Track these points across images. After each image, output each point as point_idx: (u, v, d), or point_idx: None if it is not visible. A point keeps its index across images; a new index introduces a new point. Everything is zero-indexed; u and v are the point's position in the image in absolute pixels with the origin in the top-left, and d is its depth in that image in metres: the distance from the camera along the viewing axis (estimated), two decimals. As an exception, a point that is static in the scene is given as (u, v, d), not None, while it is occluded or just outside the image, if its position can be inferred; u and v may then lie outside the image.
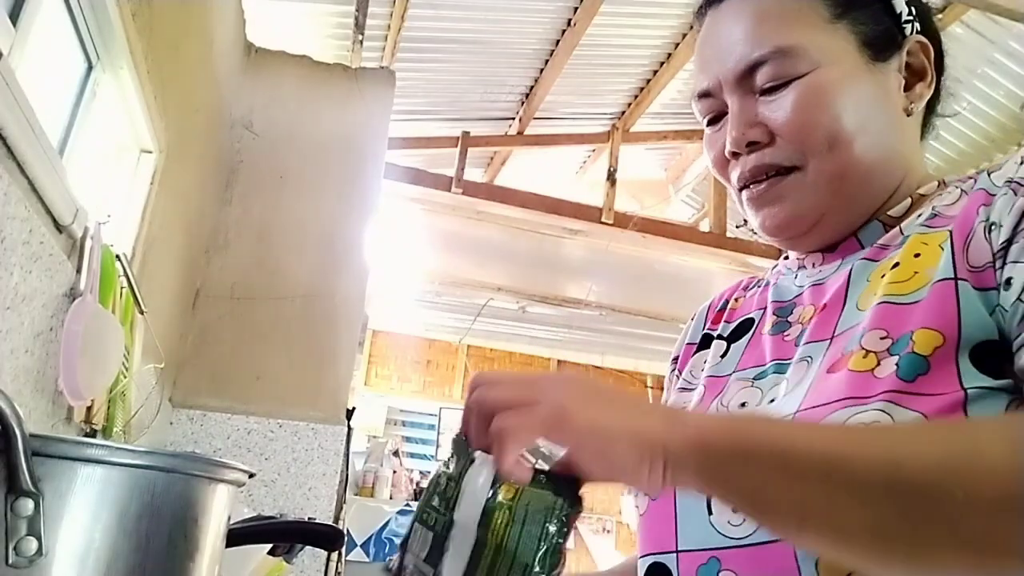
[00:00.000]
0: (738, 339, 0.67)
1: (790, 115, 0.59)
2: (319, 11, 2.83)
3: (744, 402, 0.58)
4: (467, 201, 3.83)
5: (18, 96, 0.97)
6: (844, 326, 0.55)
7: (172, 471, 0.47)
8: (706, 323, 0.75)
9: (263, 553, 1.20)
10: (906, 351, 0.47)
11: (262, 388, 2.34)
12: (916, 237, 0.55)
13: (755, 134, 0.60)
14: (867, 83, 0.60)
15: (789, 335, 0.60)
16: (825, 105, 0.58)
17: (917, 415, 0.44)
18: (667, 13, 3.31)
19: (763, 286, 0.71)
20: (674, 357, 0.78)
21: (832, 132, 0.58)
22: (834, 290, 0.59)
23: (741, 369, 0.62)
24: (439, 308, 4.49)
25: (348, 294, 2.55)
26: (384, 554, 3.25)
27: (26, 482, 0.39)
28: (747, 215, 0.65)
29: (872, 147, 0.59)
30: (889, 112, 0.61)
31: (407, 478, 3.83)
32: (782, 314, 0.64)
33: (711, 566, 0.52)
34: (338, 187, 2.65)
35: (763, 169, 0.61)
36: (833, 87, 0.58)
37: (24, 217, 1.01)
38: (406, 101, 3.51)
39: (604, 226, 3.94)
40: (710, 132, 0.66)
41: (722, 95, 0.63)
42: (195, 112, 2.06)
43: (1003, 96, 3.31)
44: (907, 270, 0.53)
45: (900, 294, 0.51)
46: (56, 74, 1.40)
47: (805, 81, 0.58)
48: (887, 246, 0.59)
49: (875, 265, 0.58)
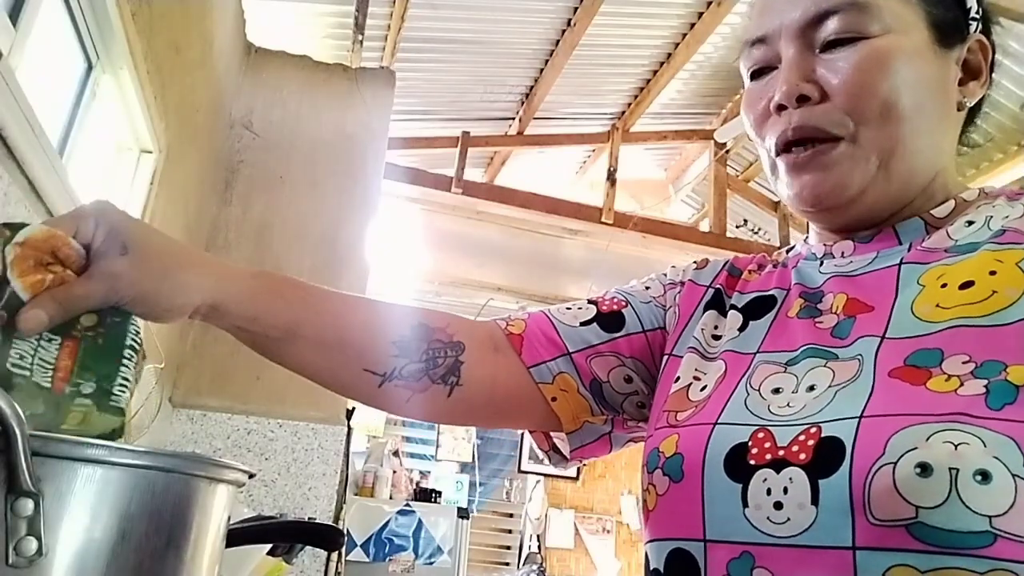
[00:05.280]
0: (757, 317, 0.62)
1: (850, 74, 0.56)
2: (319, 11, 2.83)
3: (778, 387, 0.54)
4: (467, 201, 3.83)
5: (18, 96, 0.97)
6: (900, 331, 0.51)
7: (172, 471, 0.47)
8: (716, 279, 0.70)
9: (263, 553, 1.20)
10: (997, 378, 0.44)
11: (262, 388, 2.34)
12: (988, 253, 0.52)
13: (808, 89, 0.57)
14: (931, 64, 0.58)
15: (822, 323, 0.57)
16: (889, 72, 0.55)
17: (1005, 438, 0.42)
18: (667, 13, 3.31)
19: (780, 267, 0.67)
20: (674, 281, 0.72)
21: (889, 102, 0.55)
22: (879, 288, 0.56)
23: (767, 351, 0.58)
24: (439, 308, 4.49)
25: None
26: (384, 554, 3.25)
27: (26, 482, 0.39)
28: (779, 182, 0.61)
29: (923, 130, 0.57)
30: (943, 101, 0.59)
31: (407, 478, 3.83)
32: (810, 299, 0.60)
33: (744, 561, 0.48)
34: (338, 187, 2.65)
35: (808, 131, 0.57)
36: (900, 56, 0.56)
37: (24, 217, 1.01)
38: (406, 101, 3.51)
39: (604, 226, 3.95)
40: (754, 86, 0.62)
41: (778, 44, 0.59)
42: (195, 112, 2.06)
43: (1003, 96, 3.31)
44: (984, 289, 0.50)
45: (979, 315, 0.49)
46: (56, 74, 1.40)
47: (873, 43, 0.56)
48: (934, 250, 0.56)
49: (924, 268, 0.55)
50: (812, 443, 0.47)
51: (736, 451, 0.51)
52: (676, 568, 0.53)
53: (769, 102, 0.60)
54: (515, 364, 0.68)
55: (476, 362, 0.67)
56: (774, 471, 0.48)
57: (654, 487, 0.56)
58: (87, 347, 0.52)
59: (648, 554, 0.57)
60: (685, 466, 0.53)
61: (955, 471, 0.41)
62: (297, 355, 0.64)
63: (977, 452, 0.41)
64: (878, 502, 0.43)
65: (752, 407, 0.53)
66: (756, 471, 0.49)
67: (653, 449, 0.57)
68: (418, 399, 0.66)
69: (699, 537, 0.51)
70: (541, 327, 0.70)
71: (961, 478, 0.41)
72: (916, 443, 0.43)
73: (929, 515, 0.41)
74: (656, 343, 0.69)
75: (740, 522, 0.49)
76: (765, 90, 0.61)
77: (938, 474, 0.41)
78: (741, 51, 0.64)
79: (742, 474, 0.49)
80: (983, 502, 0.40)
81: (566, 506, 6.00)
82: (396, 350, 0.65)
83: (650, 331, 0.69)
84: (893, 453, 0.43)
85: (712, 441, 0.52)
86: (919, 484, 0.41)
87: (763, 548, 0.47)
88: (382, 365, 0.65)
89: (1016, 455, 0.41)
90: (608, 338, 0.69)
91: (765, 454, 0.49)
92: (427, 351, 0.66)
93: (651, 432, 0.61)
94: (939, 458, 0.41)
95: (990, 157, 3.66)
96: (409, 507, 3.43)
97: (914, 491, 0.41)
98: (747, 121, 0.64)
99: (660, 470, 0.55)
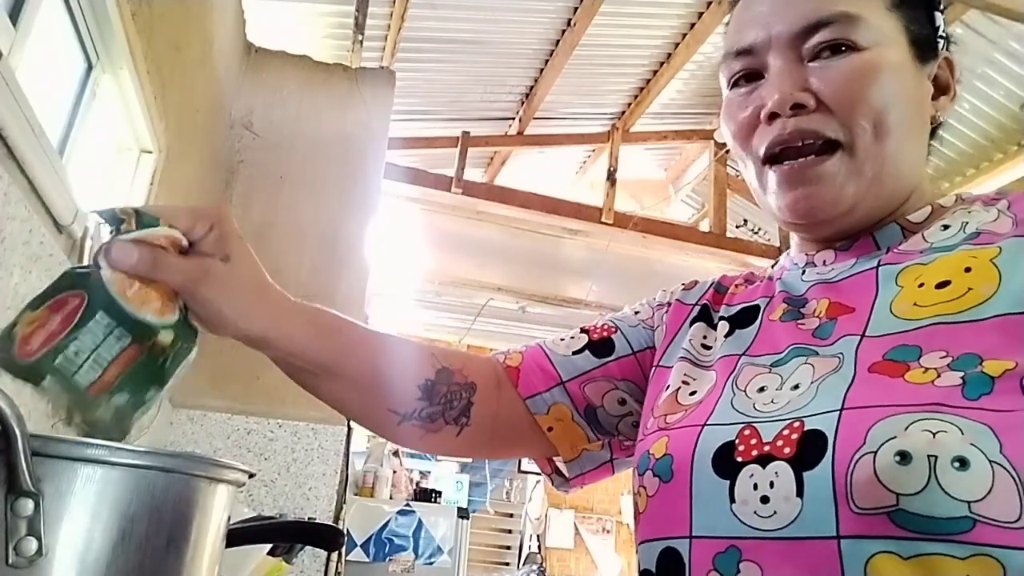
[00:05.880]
0: (744, 325, 0.64)
1: (844, 84, 0.57)
2: (319, 11, 2.83)
3: (763, 386, 0.55)
4: (467, 201, 3.83)
5: (18, 96, 0.97)
6: (879, 329, 0.52)
7: (172, 471, 0.47)
8: (703, 297, 0.71)
9: (263, 553, 1.20)
10: (973, 371, 0.45)
11: (262, 388, 2.34)
12: (963, 252, 0.53)
13: (803, 97, 0.57)
14: (912, 78, 0.59)
15: (805, 325, 0.58)
16: (879, 83, 0.57)
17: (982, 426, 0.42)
18: (667, 13, 3.31)
19: (766, 280, 0.69)
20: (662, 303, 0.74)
21: (880, 114, 0.57)
22: (859, 290, 0.57)
23: (753, 354, 0.60)
24: (439, 308, 4.50)
25: (348, 294, 2.55)
26: (384, 554, 3.25)
27: (26, 482, 0.39)
28: (768, 192, 0.61)
29: (907, 142, 0.59)
30: (922, 114, 0.61)
31: (407, 478, 3.83)
32: (794, 304, 0.61)
33: (730, 555, 0.49)
34: (338, 187, 2.65)
35: (806, 135, 0.57)
36: (889, 70, 0.57)
37: (24, 217, 1.01)
38: (406, 101, 3.51)
39: (604, 226, 3.95)
40: (735, 95, 0.62)
41: (766, 55, 0.60)
42: (195, 112, 2.06)
43: (1003, 96, 3.31)
44: (960, 287, 0.51)
45: (954, 312, 0.50)
46: (56, 74, 1.40)
47: (864, 55, 0.57)
48: (909, 252, 0.57)
49: (899, 267, 0.56)
50: (796, 437, 0.48)
51: (723, 449, 0.51)
52: (665, 567, 0.54)
53: (756, 111, 0.60)
54: (513, 397, 0.72)
55: (483, 401, 0.71)
56: (760, 466, 0.49)
57: (644, 489, 0.57)
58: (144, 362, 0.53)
59: (639, 556, 0.58)
60: (674, 466, 0.54)
61: (934, 458, 0.42)
62: (332, 391, 0.71)
63: (955, 440, 0.42)
64: (860, 491, 0.43)
65: (738, 406, 0.55)
66: (743, 467, 0.50)
67: (644, 452, 0.59)
68: (431, 438, 0.70)
69: (685, 534, 0.52)
70: (536, 359, 0.73)
71: (940, 465, 0.41)
72: (895, 432, 0.43)
73: (909, 502, 0.42)
74: (646, 363, 0.72)
75: (727, 518, 0.49)
76: (749, 99, 0.61)
77: (917, 461, 0.42)
78: (722, 62, 0.64)
79: (729, 471, 0.50)
80: (961, 488, 0.41)
81: (566, 506, 6.00)
82: (420, 393, 0.69)
83: (639, 352, 0.72)
84: (873, 443, 0.44)
85: (700, 441, 0.53)
86: (899, 472, 0.42)
87: (750, 542, 0.48)
88: (404, 406, 0.69)
89: (993, 442, 0.42)
90: (599, 363, 0.72)
91: (751, 450, 0.50)
92: (445, 394, 0.70)
93: (642, 436, 0.63)
94: (918, 446, 0.42)
95: (990, 157, 3.66)
96: (409, 507, 3.43)
97: (894, 479, 0.42)
98: (727, 131, 0.63)
99: (651, 471, 0.56)
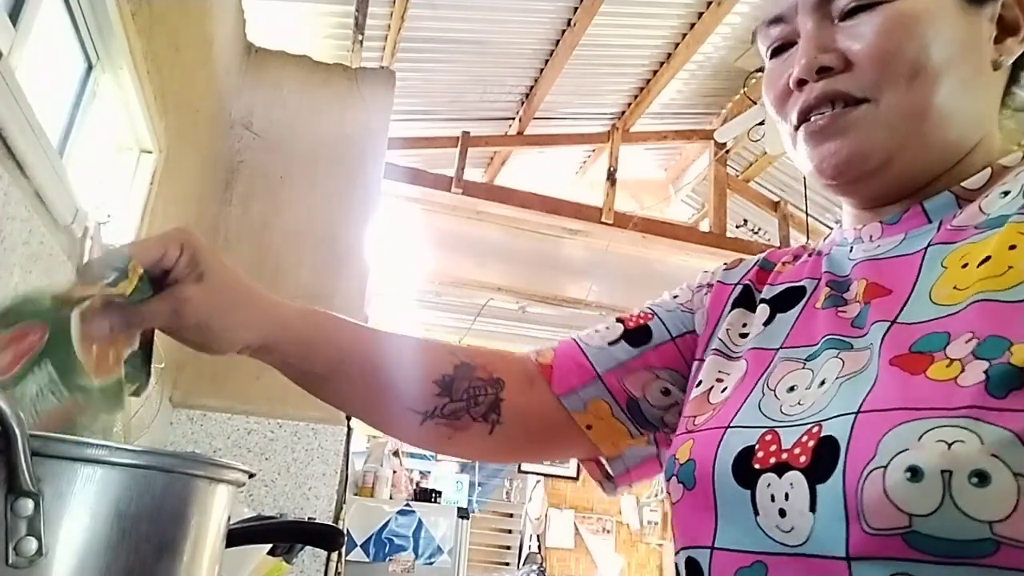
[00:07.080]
0: (785, 309, 0.59)
1: (873, 39, 0.54)
2: (319, 11, 2.83)
3: (793, 385, 0.51)
4: (467, 201, 3.83)
5: (18, 96, 0.97)
6: (912, 316, 0.48)
7: (172, 471, 0.47)
8: (746, 276, 0.67)
9: (263, 553, 1.20)
10: (999, 360, 0.40)
11: (262, 388, 2.34)
12: (1012, 227, 0.48)
13: (829, 59, 0.55)
14: (959, 22, 0.55)
15: (845, 312, 0.54)
16: (913, 33, 0.53)
17: (1006, 432, 0.38)
18: (667, 13, 3.31)
19: (814, 255, 0.64)
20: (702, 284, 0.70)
21: (917, 64, 0.53)
22: (900, 272, 0.52)
23: (790, 347, 0.56)
24: (439, 308, 4.49)
25: (348, 294, 2.55)
26: (384, 554, 3.25)
27: (26, 482, 0.39)
28: (801, 157, 0.58)
29: (954, 92, 0.54)
30: (976, 60, 0.55)
31: (407, 478, 3.83)
32: (837, 288, 0.57)
33: (756, 570, 0.46)
34: (338, 187, 2.65)
35: (830, 96, 0.55)
36: (924, 16, 0.53)
37: (24, 217, 1.01)
38: (406, 101, 3.51)
39: (604, 226, 3.95)
40: (773, 64, 0.60)
41: (795, 20, 0.58)
42: (195, 112, 2.06)
43: (1003, 96, 3.31)
44: (1001, 264, 0.46)
45: (994, 290, 0.45)
46: (56, 74, 1.40)
47: (894, 6, 0.54)
48: (963, 228, 0.52)
49: (950, 249, 0.51)
50: (812, 444, 0.44)
51: (743, 455, 0.48)
52: None
53: (789, 79, 0.58)
54: (548, 395, 0.68)
55: (513, 397, 0.67)
56: (776, 475, 0.45)
57: (670, 495, 0.54)
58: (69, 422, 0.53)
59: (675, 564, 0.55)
60: (697, 472, 0.51)
61: (948, 474, 0.38)
62: (342, 392, 0.67)
63: (973, 451, 0.38)
64: (871, 510, 0.40)
65: (764, 408, 0.51)
66: (760, 476, 0.46)
67: (671, 456, 0.56)
68: (460, 437, 0.66)
69: (707, 544, 0.49)
70: (570, 354, 0.69)
71: (955, 481, 0.37)
72: (907, 443, 0.40)
73: (923, 523, 0.38)
74: (687, 349, 0.67)
75: (753, 531, 0.46)
76: (784, 66, 0.59)
77: (929, 478, 0.38)
78: (757, 31, 0.62)
79: (748, 480, 0.47)
80: (981, 507, 0.37)
81: (566, 506, 6.00)
82: (438, 388, 0.66)
83: (678, 337, 0.68)
84: (884, 455, 0.40)
85: (722, 446, 0.50)
86: (910, 490, 0.38)
87: (775, 558, 0.45)
88: (424, 403, 0.65)
89: (1019, 452, 0.37)
90: (637, 353, 0.68)
91: (769, 457, 0.46)
92: (468, 389, 0.66)
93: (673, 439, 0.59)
94: (930, 460, 0.38)
95: (990, 157, 3.65)
96: (409, 507, 3.43)
97: (906, 499, 0.38)
98: (768, 100, 0.62)
99: (675, 477, 0.54)
